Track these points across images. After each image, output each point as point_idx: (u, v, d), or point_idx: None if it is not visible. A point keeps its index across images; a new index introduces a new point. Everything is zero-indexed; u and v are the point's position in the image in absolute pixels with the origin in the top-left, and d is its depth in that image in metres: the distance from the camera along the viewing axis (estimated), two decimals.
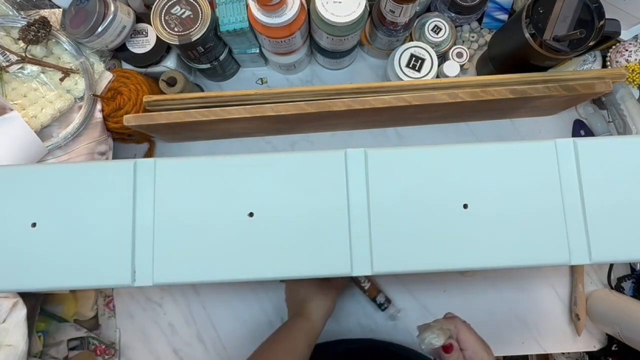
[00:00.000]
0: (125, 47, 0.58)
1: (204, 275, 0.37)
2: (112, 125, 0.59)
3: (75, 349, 0.62)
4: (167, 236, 0.38)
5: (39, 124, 0.54)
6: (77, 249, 0.38)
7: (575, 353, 0.70)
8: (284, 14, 0.50)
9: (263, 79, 0.69)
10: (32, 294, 0.56)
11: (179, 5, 0.53)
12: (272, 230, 0.38)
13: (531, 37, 0.50)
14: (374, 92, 0.52)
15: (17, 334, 0.51)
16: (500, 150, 0.39)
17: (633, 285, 0.63)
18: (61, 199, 0.39)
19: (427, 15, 0.63)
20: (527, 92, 0.50)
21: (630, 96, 0.61)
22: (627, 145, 0.39)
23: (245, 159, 0.39)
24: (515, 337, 0.64)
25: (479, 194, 0.38)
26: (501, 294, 0.65)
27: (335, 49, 0.59)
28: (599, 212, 0.37)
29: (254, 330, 0.64)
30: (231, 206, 0.38)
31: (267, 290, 0.65)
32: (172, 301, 0.65)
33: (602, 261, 0.38)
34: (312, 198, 0.38)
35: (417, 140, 0.67)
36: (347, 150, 0.39)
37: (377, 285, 0.64)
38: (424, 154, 0.39)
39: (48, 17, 0.55)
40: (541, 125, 0.67)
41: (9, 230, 0.38)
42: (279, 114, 0.51)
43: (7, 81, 0.55)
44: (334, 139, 0.68)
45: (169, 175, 0.39)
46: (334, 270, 0.37)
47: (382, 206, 0.38)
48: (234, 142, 0.68)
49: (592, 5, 0.49)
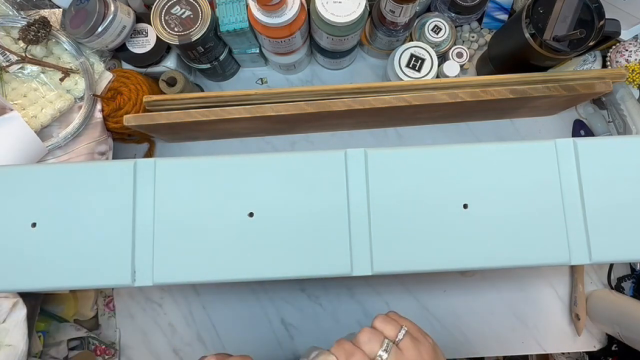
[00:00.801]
0: (125, 47, 0.58)
1: (204, 275, 0.37)
2: (112, 125, 0.59)
3: (75, 349, 0.62)
4: (167, 236, 0.38)
5: (39, 124, 0.54)
6: (77, 249, 0.38)
7: (575, 353, 0.70)
8: (284, 14, 0.50)
9: (263, 79, 0.69)
10: (32, 294, 0.56)
11: (179, 5, 0.52)
12: (272, 230, 0.38)
13: (531, 37, 0.50)
14: (374, 92, 0.52)
15: (17, 334, 0.51)
16: (500, 150, 0.39)
17: (633, 285, 0.63)
18: (61, 199, 0.39)
19: (427, 15, 0.63)
20: (527, 92, 0.50)
21: (630, 96, 0.61)
22: (627, 145, 0.39)
23: (245, 159, 0.39)
24: (515, 337, 0.64)
25: (479, 194, 0.38)
26: (501, 294, 0.65)
27: (335, 49, 0.59)
28: (599, 212, 0.37)
29: (254, 330, 0.64)
30: (231, 206, 0.38)
31: (267, 290, 0.65)
32: (172, 301, 0.65)
33: (602, 261, 0.38)
34: (312, 198, 0.38)
35: (417, 140, 0.67)
36: (347, 150, 0.39)
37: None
38: (424, 154, 0.39)
39: (48, 17, 0.55)
40: (541, 125, 0.67)
41: (9, 230, 0.38)
42: (279, 114, 0.51)
43: (7, 81, 0.55)
44: (334, 139, 0.67)
45: (169, 175, 0.39)
46: (334, 270, 0.37)
47: (382, 206, 0.38)
48: (234, 142, 0.68)
49: (592, 5, 0.49)
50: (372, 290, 0.65)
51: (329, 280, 0.65)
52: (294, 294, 0.65)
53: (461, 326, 0.64)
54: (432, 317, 0.64)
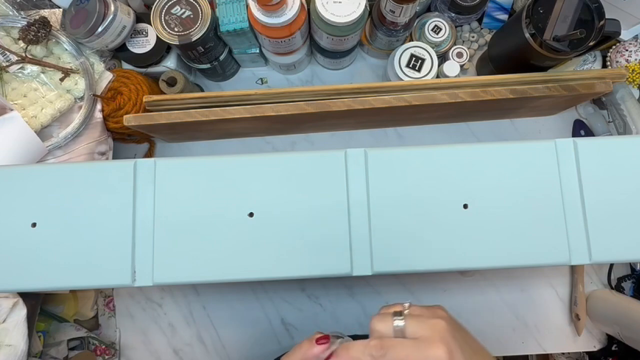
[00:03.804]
0: (125, 47, 0.58)
1: (204, 275, 0.37)
2: (112, 125, 0.59)
3: (75, 349, 0.62)
4: (167, 236, 0.38)
5: (39, 124, 0.54)
6: (77, 249, 0.38)
7: (575, 353, 0.70)
8: (284, 14, 0.50)
9: (263, 79, 0.69)
10: (32, 294, 0.56)
11: (179, 5, 0.53)
12: (272, 230, 0.38)
13: (531, 37, 0.50)
14: (374, 92, 0.52)
15: (17, 334, 0.51)
16: (500, 150, 0.39)
17: (633, 285, 0.63)
18: (61, 199, 0.39)
19: (427, 15, 0.63)
20: (527, 92, 0.50)
21: (630, 96, 0.61)
22: (627, 145, 0.39)
23: (245, 159, 0.39)
24: (515, 337, 0.64)
25: (479, 194, 0.38)
26: (501, 294, 0.65)
27: (335, 49, 0.59)
28: (599, 212, 0.37)
29: (253, 330, 0.64)
30: (231, 206, 0.38)
31: (267, 290, 0.65)
32: (172, 301, 0.65)
33: (602, 261, 0.38)
34: (312, 198, 0.38)
35: (417, 140, 0.67)
36: (347, 150, 0.39)
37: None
38: (424, 154, 0.39)
39: (48, 17, 0.55)
40: (541, 125, 0.67)
41: (9, 230, 0.38)
42: (279, 114, 0.51)
43: (7, 81, 0.55)
44: (334, 139, 0.67)
45: (169, 175, 0.39)
46: (334, 270, 0.37)
47: (382, 206, 0.38)
48: (234, 142, 0.68)
49: (592, 5, 0.49)
50: (372, 290, 0.65)
51: (329, 280, 0.65)
52: (294, 293, 0.65)
53: None
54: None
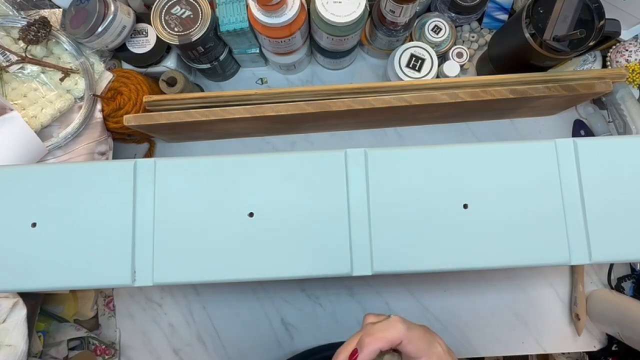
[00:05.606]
0: (125, 47, 0.58)
1: (204, 275, 0.37)
2: (112, 125, 0.59)
3: (75, 349, 0.62)
4: (167, 236, 0.38)
5: (39, 124, 0.54)
6: (77, 249, 0.38)
7: (575, 353, 0.70)
8: (284, 14, 0.50)
9: (263, 79, 0.69)
10: (32, 294, 0.56)
11: (179, 5, 0.53)
12: (272, 230, 0.38)
13: (531, 37, 0.50)
14: (374, 92, 0.52)
15: (17, 334, 0.51)
16: (500, 150, 0.39)
17: (633, 285, 0.63)
18: (61, 199, 0.39)
19: (427, 15, 0.63)
20: (527, 92, 0.50)
21: (630, 96, 0.61)
22: (627, 145, 0.39)
23: (245, 159, 0.39)
24: (515, 337, 0.64)
25: (479, 194, 0.38)
26: (501, 294, 0.65)
27: (336, 49, 0.59)
28: (599, 212, 0.37)
29: (254, 330, 0.64)
30: (231, 206, 0.38)
31: (267, 290, 0.65)
32: (172, 301, 0.65)
33: (602, 261, 0.38)
34: (312, 198, 0.38)
35: (417, 140, 0.67)
36: (347, 150, 0.39)
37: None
38: (424, 154, 0.39)
39: (48, 17, 0.55)
40: (541, 125, 0.67)
41: (9, 230, 0.38)
42: (279, 114, 0.51)
43: (7, 81, 0.55)
44: (334, 139, 0.67)
45: (169, 175, 0.39)
46: (334, 270, 0.37)
47: (382, 206, 0.38)
48: (234, 142, 0.68)
49: (592, 5, 0.49)
50: (372, 290, 0.65)
51: (329, 280, 0.65)
52: (294, 293, 0.65)
53: (461, 326, 0.64)
54: (433, 317, 0.64)
